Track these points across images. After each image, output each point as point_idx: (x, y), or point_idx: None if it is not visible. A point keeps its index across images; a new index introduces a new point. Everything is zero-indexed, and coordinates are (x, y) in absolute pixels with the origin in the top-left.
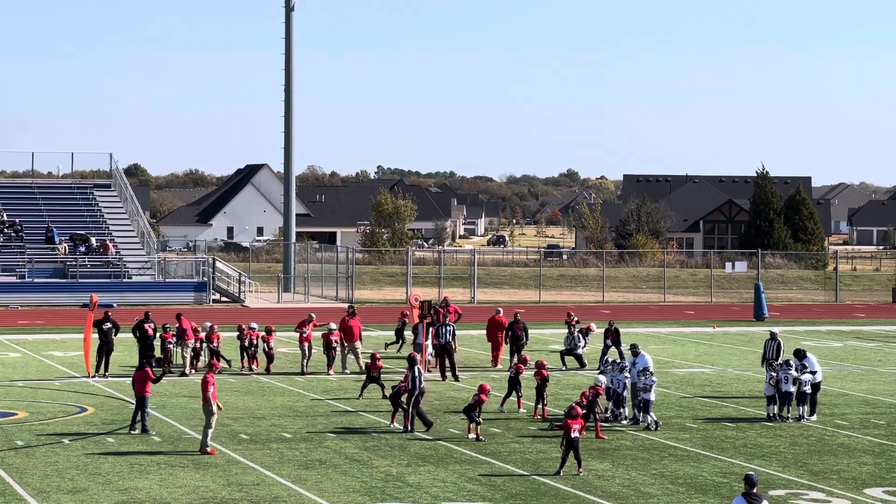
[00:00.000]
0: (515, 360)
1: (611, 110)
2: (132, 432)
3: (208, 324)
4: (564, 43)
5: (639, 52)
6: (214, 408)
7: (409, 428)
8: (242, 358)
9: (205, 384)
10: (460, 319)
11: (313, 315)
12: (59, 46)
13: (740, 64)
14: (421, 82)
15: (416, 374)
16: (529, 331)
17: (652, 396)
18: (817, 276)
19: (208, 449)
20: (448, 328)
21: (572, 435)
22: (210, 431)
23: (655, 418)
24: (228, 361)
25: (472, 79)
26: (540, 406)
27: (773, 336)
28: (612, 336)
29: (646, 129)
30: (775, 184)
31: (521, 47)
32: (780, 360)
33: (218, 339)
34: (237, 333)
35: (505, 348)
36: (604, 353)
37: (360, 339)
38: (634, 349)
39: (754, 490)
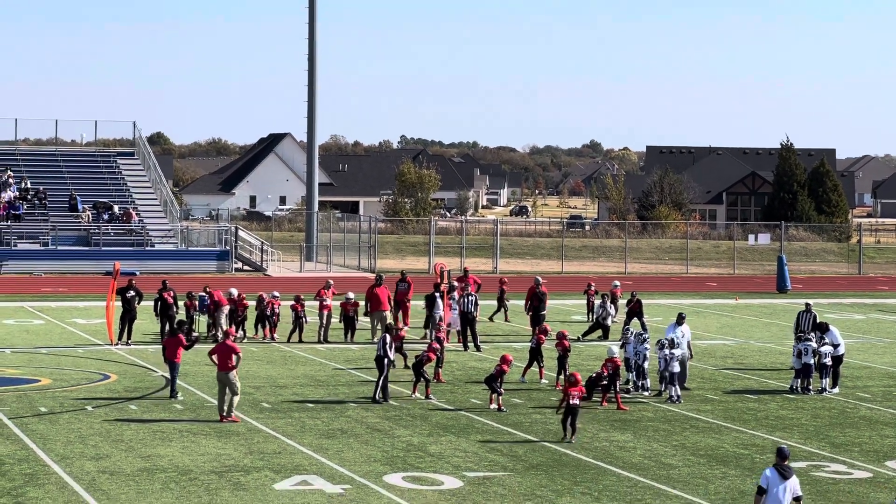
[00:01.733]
0: (536, 330)
1: (634, 81)
2: (174, 398)
3: (234, 290)
4: (589, 13)
5: (663, 23)
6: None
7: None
8: (264, 327)
9: (229, 351)
10: (480, 290)
11: (331, 281)
12: (83, 14)
13: (765, 35)
14: (445, 52)
15: (386, 341)
16: (549, 301)
17: (677, 368)
18: (841, 249)
19: (232, 416)
20: (471, 298)
21: (571, 402)
22: (236, 399)
23: (679, 392)
24: (245, 333)
25: (497, 49)
26: (562, 377)
27: (807, 308)
28: (634, 307)
29: (669, 101)
30: (799, 156)
31: (545, 17)
32: (826, 329)
33: (245, 307)
34: (255, 303)
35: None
36: (626, 324)
37: (390, 308)
38: (680, 318)
39: (786, 462)
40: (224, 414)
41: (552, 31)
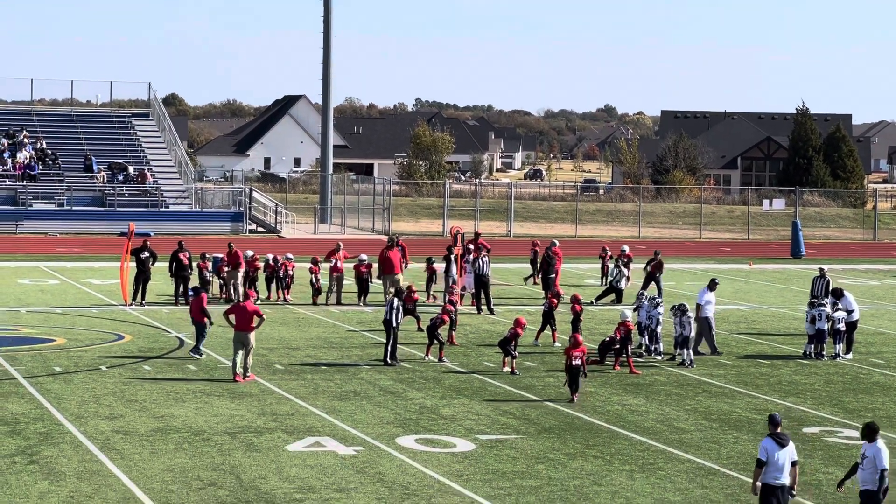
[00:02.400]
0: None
1: (650, 45)
2: (196, 356)
3: (249, 252)
4: None
5: None
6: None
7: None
8: (278, 289)
9: (249, 312)
10: (490, 254)
11: (340, 244)
12: None
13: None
14: (460, 15)
15: (393, 305)
16: (563, 265)
17: (691, 333)
18: (856, 215)
19: (248, 375)
20: (485, 260)
21: (573, 363)
22: (251, 359)
23: (692, 356)
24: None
25: (512, 12)
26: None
27: (821, 273)
28: (655, 267)
29: (685, 65)
30: (815, 121)
31: None
32: (841, 294)
33: (256, 269)
34: (263, 264)
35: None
36: (646, 283)
37: (403, 272)
38: (712, 283)
39: (779, 429)
40: (240, 373)
41: None
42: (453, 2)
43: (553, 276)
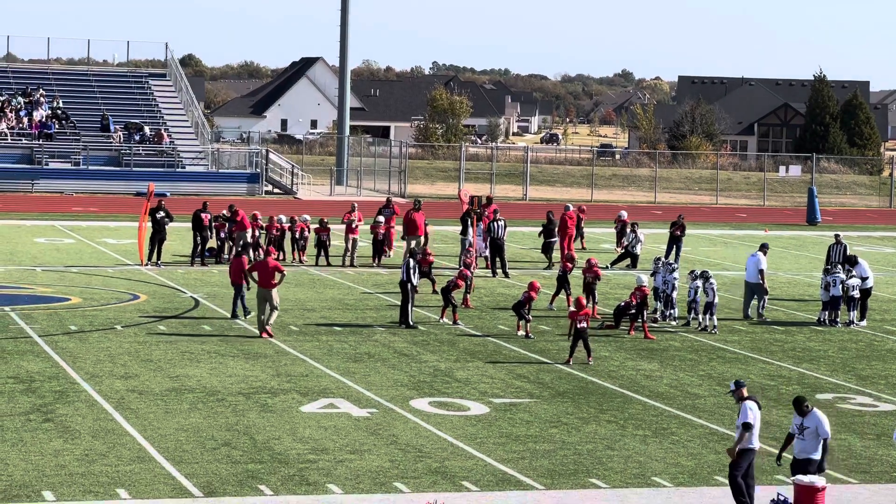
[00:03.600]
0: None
1: (668, 10)
2: (237, 319)
3: (306, 216)
4: None
5: None
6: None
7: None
8: (293, 251)
9: (272, 269)
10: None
11: (355, 204)
12: None
13: None
14: None
15: (410, 266)
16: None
17: (716, 299)
18: (872, 182)
19: (268, 329)
20: (499, 223)
21: (579, 326)
22: (276, 314)
23: (715, 322)
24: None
25: None
26: (591, 304)
27: (837, 240)
28: (677, 231)
29: (702, 31)
30: (832, 88)
31: None
32: (855, 261)
33: (276, 229)
34: (267, 224)
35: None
36: (669, 246)
37: (426, 234)
38: (764, 245)
39: (745, 391)
40: (263, 329)
41: None
42: None
43: (554, 240)
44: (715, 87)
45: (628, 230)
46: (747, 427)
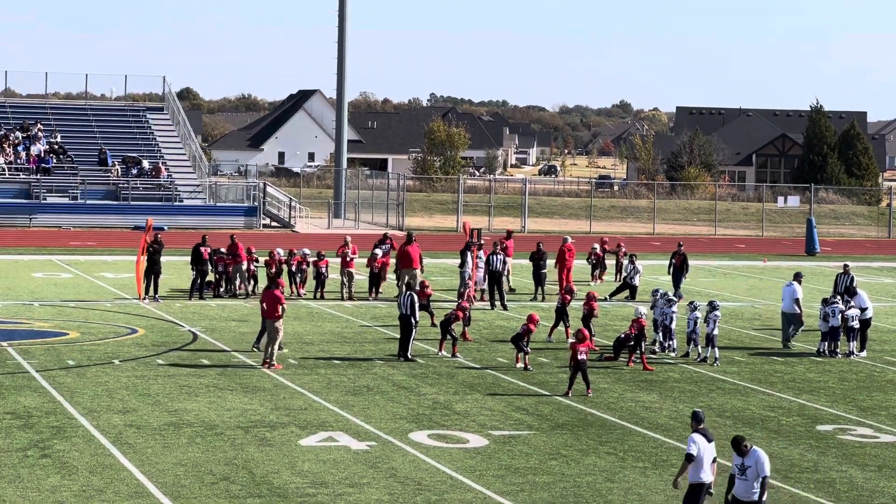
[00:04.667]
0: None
1: (665, 41)
2: (256, 349)
3: (306, 250)
4: None
5: None
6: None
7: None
8: (291, 284)
9: (275, 300)
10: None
11: (348, 238)
12: None
13: None
14: (474, 9)
15: (413, 300)
16: (576, 261)
17: (716, 330)
18: (870, 212)
19: (274, 364)
20: (499, 257)
21: (579, 357)
22: (274, 348)
23: (717, 354)
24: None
25: (527, 6)
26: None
27: (845, 269)
28: (679, 259)
29: (700, 61)
30: (830, 118)
31: None
32: (854, 293)
33: (277, 263)
34: (265, 258)
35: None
36: (676, 278)
37: (421, 267)
38: (798, 274)
39: (702, 426)
40: (267, 360)
41: None
42: None
43: (545, 271)
44: (713, 118)
45: (626, 261)
46: (688, 458)
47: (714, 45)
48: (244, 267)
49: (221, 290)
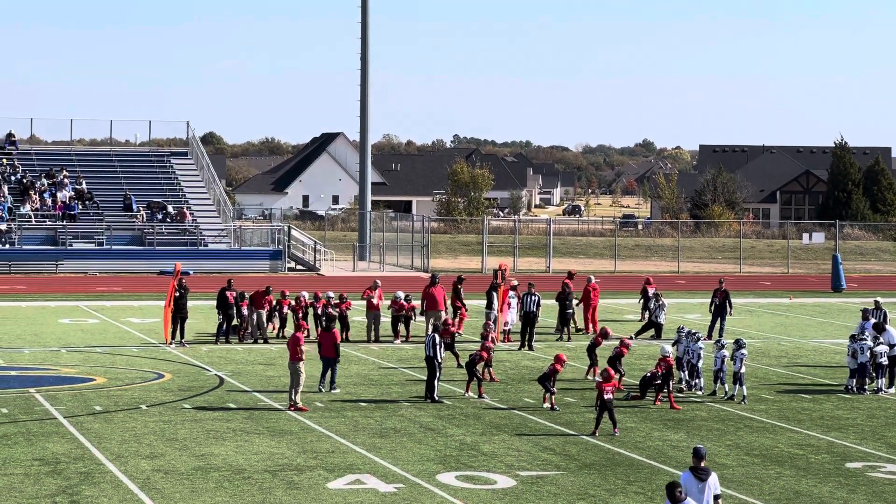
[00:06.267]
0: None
1: (688, 80)
2: (322, 390)
3: (331, 293)
4: (641, 12)
5: (714, 22)
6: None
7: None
8: (316, 327)
9: (297, 343)
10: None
11: (378, 281)
12: (135, 15)
13: (818, 33)
14: (497, 52)
15: (435, 342)
16: (603, 300)
17: (743, 368)
18: None
19: (300, 406)
20: (533, 298)
21: (605, 397)
22: (295, 390)
23: (745, 392)
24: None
25: (549, 49)
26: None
27: (877, 305)
28: (721, 296)
29: (722, 99)
30: (854, 154)
31: (597, 17)
32: (883, 329)
33: (303, 307)
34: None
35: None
36: (718, 316)
37: (446, 309)
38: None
39: (702, 464)
40: (291, 402)
41: (605, 30)
42: (490, 38)
43: (571, 311)
44: (736, 156)
45: (651, 301)
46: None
47: (736, 83)
48: (264, 313)
49: (248, 332)
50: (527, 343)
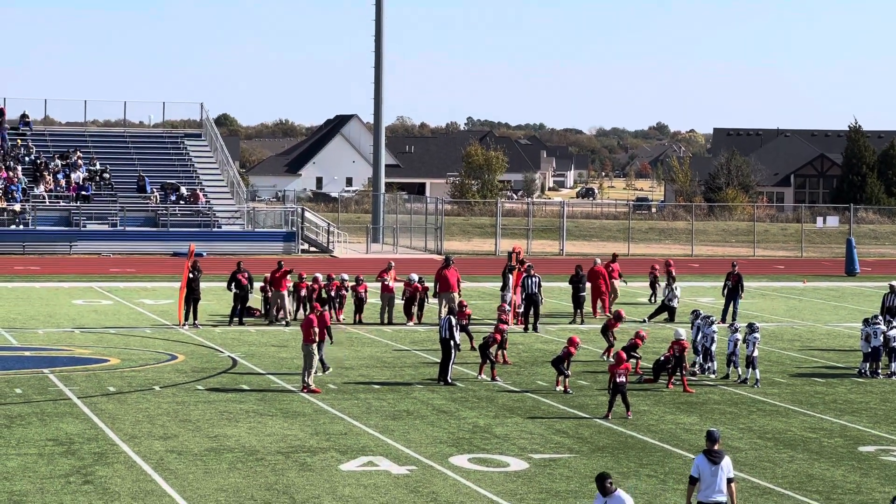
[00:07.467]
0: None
1: (702, 63)
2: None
3: (344, 275)
4: None
5: (729, 4)
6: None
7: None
8: (330, 309)
9: (309, 324)
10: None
11: (392, 263)
12: None
13: (833, 16)
14: (511, 34)
15: (452, 324)
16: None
17: (756, 352)
18: None
19: (312, 387)
20: (534, 279)
21: (618, 380)
22: (308, 373)
23: (758, 375)
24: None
25: (563, 31)
26: (633, 361)
27: (892, 289)
28: (734, 280)
29: (737, 82)
30: (868, 138)
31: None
32: None
33: (319, 289)
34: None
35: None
36: (731, 300)
37: (459, 291)
38: None
39: (716, 447)
40: (304, 384)
41: (619, 12)
42: (504, 21)
43: (583, 294)
44: (750, 139)
45: (664, 283)
46: (690, 480)
47: (750, 66)
48: (286, 293)
49: (277, 317)
50: (532, 325)
